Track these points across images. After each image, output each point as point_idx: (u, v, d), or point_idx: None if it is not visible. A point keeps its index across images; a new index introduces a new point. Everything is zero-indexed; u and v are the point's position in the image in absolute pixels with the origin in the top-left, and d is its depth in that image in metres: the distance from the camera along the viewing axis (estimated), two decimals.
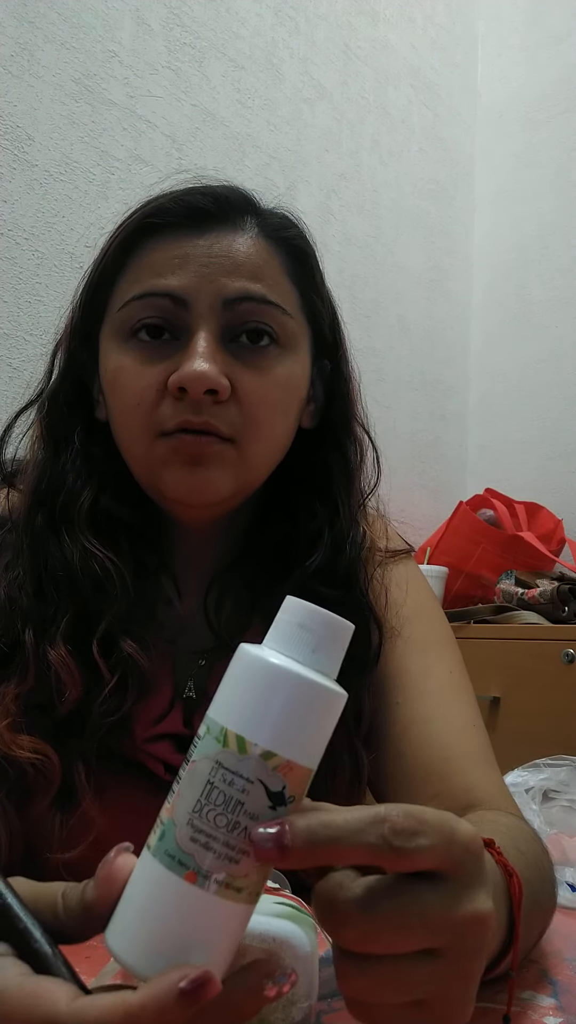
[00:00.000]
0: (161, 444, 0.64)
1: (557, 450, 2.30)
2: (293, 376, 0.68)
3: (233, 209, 0.68)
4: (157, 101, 1.70)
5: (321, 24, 2.11)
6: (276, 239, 0.69)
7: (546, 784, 0.75)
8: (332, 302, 0.76)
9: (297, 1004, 0.42)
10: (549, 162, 2.42)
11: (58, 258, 1.49)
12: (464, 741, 0.67)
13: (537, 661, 1.66)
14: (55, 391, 0.72)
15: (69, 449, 0.70)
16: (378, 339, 2.24)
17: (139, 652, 0.64)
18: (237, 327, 0.65)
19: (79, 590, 0.65)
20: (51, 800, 0.63)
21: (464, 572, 1.98)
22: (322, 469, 0.73)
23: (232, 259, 0.65)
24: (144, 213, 0.68)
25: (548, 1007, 0.49)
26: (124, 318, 0.66)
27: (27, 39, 1.48)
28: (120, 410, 0.67)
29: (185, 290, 0.64)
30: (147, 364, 0.64)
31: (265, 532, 0.72)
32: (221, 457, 0.64)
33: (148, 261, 0.66)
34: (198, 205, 0.67)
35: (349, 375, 0.77)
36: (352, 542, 0.71)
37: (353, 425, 0.76)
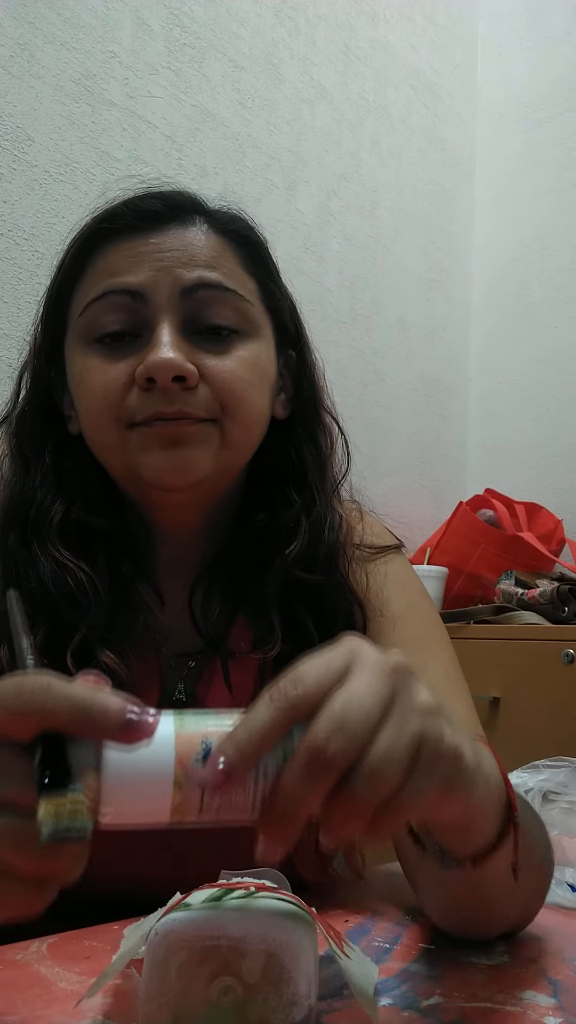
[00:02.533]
0: (135, 432, 0.65)
1: (557, 450, 2.30)
2: (259, 358, 0.68)
3: (183, 209, 0.69)
4: (157, 101, 1.70)
5: (321, 24, 2.11)
6: (227, 232, 0.70)
7: (545, 785, 0.75)
8: (289, 294, 0.77)
9: (297, 1004, 0.42)
10: (549, 162, 2.42)
11: (58, 258, 1.49)
12: None
13: (537, 661, 1.66)
14: (24, 410, 0.73)
15: (40, 465, 0.70)
16: (378, 339, 2.24)
17: (117, 662, 0.64)
18: (197, 320, 0.66)
19: (52, 604, 0.65)
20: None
21: (464, 572, 1.98)
22: (296, 459, 0.74)
23: (186, 251, 0.66)
24: (96, 220, 0.69)
25: (548, 1007, 0.49)
26: (85, 323, 0.66)
27: (27, 39, 1.48)
28: (87, 407, 0.67)
29: (142, 285, 0.65)
30: (111, 361, 0.65)
31: (244, 527, 0.72)
32: (202, 436, 0.65)
33: (103, 264, 0.67)
34: (148, 207, 0.68)
35: (313, 364, 0.77)
36: (330, 527, 0.72)
37: (321, 412, 0.77)
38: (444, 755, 0.39)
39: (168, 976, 0.42)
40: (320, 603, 0.69)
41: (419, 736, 0.38)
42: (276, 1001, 0.41)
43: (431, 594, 2.03)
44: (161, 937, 0.42)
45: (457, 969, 0.55)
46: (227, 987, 0.41)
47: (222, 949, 0.41)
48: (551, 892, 0.70)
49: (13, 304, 1.44)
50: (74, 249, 0.70)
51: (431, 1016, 0.47)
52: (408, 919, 0.64)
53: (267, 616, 0.68)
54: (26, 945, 0.57)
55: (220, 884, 0.47)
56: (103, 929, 0.61)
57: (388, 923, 0.63)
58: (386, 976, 0.53)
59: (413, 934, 0.61)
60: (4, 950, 0.57)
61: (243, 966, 0.41)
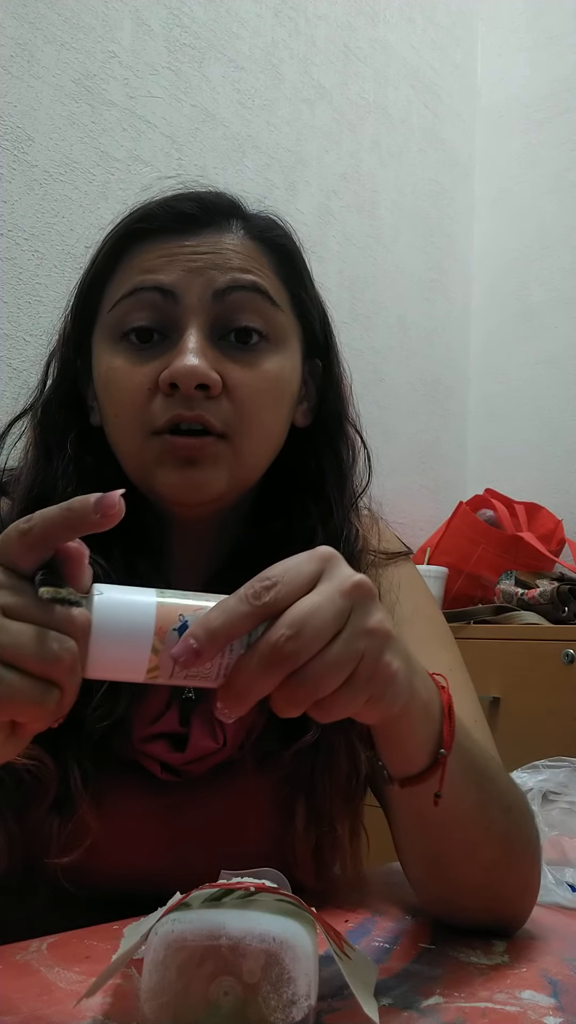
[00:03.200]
0: (154, 442, 0.65)
1: (557, 450, 2.30)
2: (283, 371, 0.68)
3: (219, 213, 0.69)
4: (157, 102, 1.70)
5: (321, 24, 2.11)
6: (263, 239, 0.70)
7: (545, 786, 0.75)
8: (322, 302, 0.76)
9: (297, 1004, 0.42)
10: (549, 162, 2.42)
11: (58, 258, 1.49)
12: None
13: (537, 661, 1.66)
14: (49, 399, 0.73)
15: (62, 455, 0.70)
16: (378, 339, 2.24)
17: None
18: (227, 323, 0.65)
19: None
20: (48, 806, 0.63)
21: (464, 572, 1.98)
22: (315, 469, 0.74)
23: (221, 255, 0.66)
24: (132, 219, 0.69)
25: (548, 1007, 0.49)
26: (115, 319, 0.66)
27: (27, 39, 1.48)
28: (113, 410, 0.67)
29: (174, 284, 0.64)
30: (138, 364, 0.65)
31: (259, 532, 0.72)
32: (215, 455, 0.65)
33: (137, 262, 0.67)
34: (185, 210, 0.67)
35: (340, 376, 0.77)
36: (346, 540, 0.71)
37: (345, 425, 0.77)
38: (379, 674, 0.45)
39: (168, 976, 0.42)
40: None
41: (361, 654, 0.44)
42: (276, 1001, 0.41)
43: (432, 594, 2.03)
44: (161, 937, 0.42)
45: (457, 969, 0.55)
46: (227, 987, 0.41)
47: (222, 949, 0.41)
48: (551, 892, 0.70)
49: (13, 304, 1.44)
50: (108, 245, 0.69)
51: (431, 1016, 0.47)
52: (408, 919, 0.64)
53: None
54: (26, 945, 0.57)
55: (220, 884, 0.47)
56: (103, 929, 0.61)
57: (388, 923, 0.63)
58: (386, 976, 0.53)
59: (413, 934, 0.61)
60: (4, 950, 0.57)
61: (243, 966, 0.41)
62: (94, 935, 0.60)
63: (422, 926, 0.63)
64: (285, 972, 0.41)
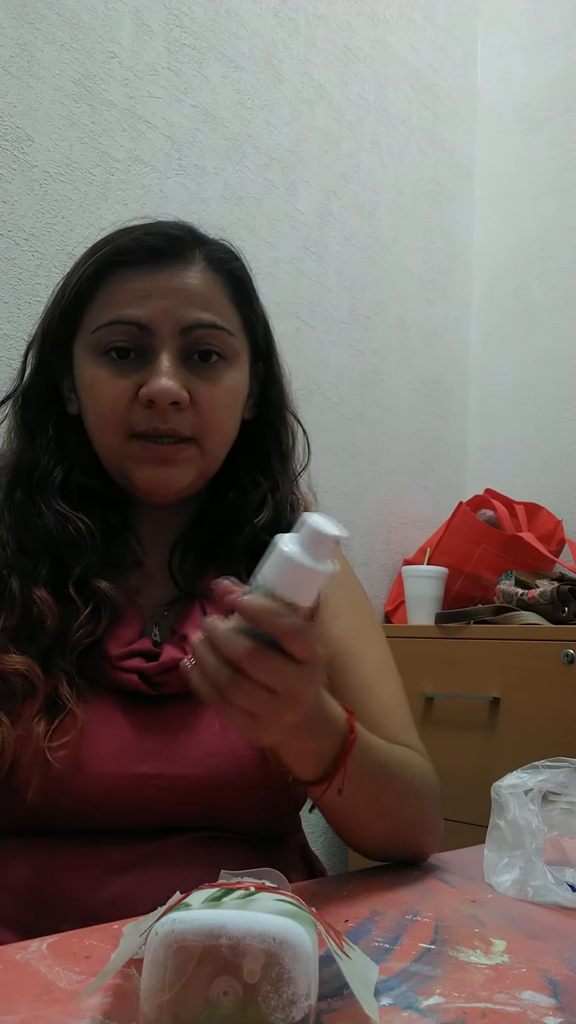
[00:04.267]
0: (133, 445, 0.79)
1: (557, 450, 2.30)
2: (237, 383, 0.84)
3: (184, 246, 0.82)
4: (157, 102, 1.70)
5: (321, 25, 2.11)
6: (221, 271, 0.84)
7: (544, 786, 0.75)
8: (264, 315, 0.90)
9: (297, 1004, 0.42)
10: (549, 162, 2.42)
11: (58, 259, 1.49)
12: (390, 717, 0.82)
13: (537, 661, 1.66)
14: (28, 387, 0.86)
15: (44, 436, 0.84)
16: (378, 340, 2.24)
17: (110, 588, 0.78)
18: (192, 348, 0.80)
19: (56, 545, 0.79)
20: (39, 707, 0.72)
21: (464, 572, 1.98)
22: (262, 451, 0.89)
23: (186, 292, 0.80)
24: (109, 253, 0.81)
25: (548, 1007, 0.49)
26: (97, 339, 0.80)
27: (27, 40, 1.48)
28: (96, 414, 0.81)
29: (149, 319, 0.79)
30: (119, 377, 0.79)
31: (218, 501, 0.87)
32: (186, 457, 0.80)
33: (116, 292, 0.80)
34: (155, 245, 0.81)
35: (280, 374, 0.92)
36: (291, 506, 0.88)
37: (286, 415, 0.92)
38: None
39: (168, 976, 0.42)
40: None
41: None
42: (276, 1001, 0.41)
43: (431, 594, 2.04)
44: (161, 937, 0.42)
45: (457, 969, 0.55)
46: (227, 987, 0.41)
47: (222, 949, 0.41)
48: (551, 892, 0.70)
49: (13, 304, 1.44)
50: (89, 272, 0.82)
51: (431, 1016, 0.47)
52: (408, 919, 0.65)
53: (236, 572, 0.80)
54: (26, 945, 0.57)
55: (220, 884, 0.47)
56: (103, 929, 0.61)
57: (388, 923, 0.63)
58: (386, 976, 0.53)
59: (413, 934, 0.61)
60: (4, 950, 0.57)
61: (243, 966, 0.41)
62: (94, 935, 0.60)
63: (422, 926, 0.63)
64: (285, 972, 0.41)
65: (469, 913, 0.67)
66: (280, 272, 1.95)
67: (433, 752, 0.85)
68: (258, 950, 0.41)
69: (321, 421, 2.04)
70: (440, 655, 1.84)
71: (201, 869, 0.72)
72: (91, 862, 0.72)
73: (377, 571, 2.19)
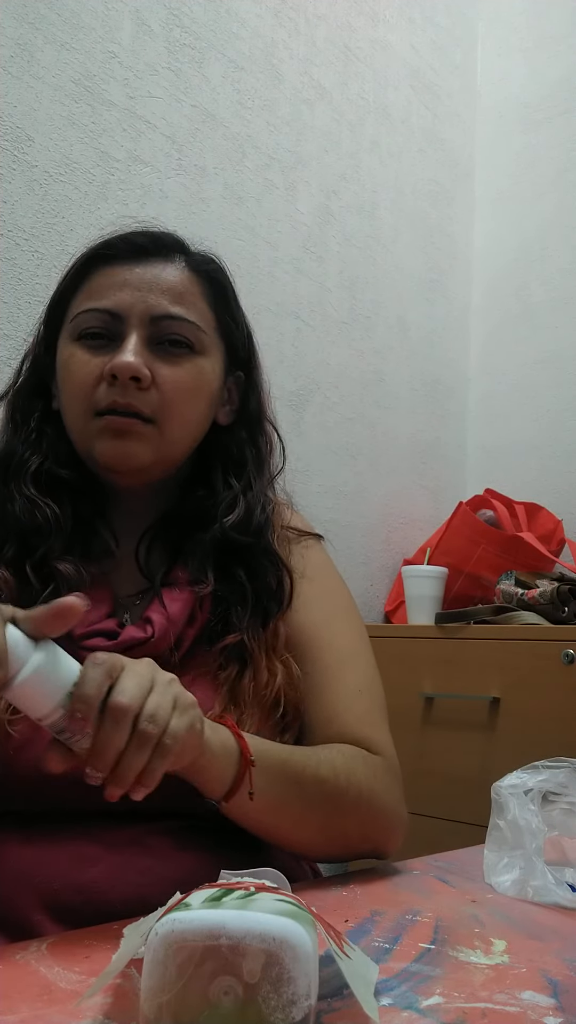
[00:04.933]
0: (96, 421, 0.82)
1: (557, 450, 2.30)
2: (203, 371, 0.85)
3: (166, 247, 0.86)
4: (157, 102, 1.70)
5: (321, 25, 2.11)
6: (199, 271, 0.87)
7: (545, 786, 0.75)
8: (246, 326, 0.93)
9: (297, 1004, 0.42)
10: (549, 162, 2.42)
11: (58, 259, 1.49)
12: (349, 709, 0.83)
13: (537, 661, 1.66)
14: (21, 386, 0.91)
15: (27, 428, 0.88)
16: (378, 340, 2.24)
17: (71, 570, 0.80)
18: (161, 336, 0.83)
19: (21, 530, 0.82)
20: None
21: (464, 572, 1.98)
22: (237, 455, 0.91)
23: (160, 284, 0.83)
24: (96, 247, 0.86)
25: (548, 1007, 0.49)
26: (75, 325, 0.84)
27: (27, 40, 1.48)
28: (68, 393, 0.84)
29: (120, 307, 0.82)
30: (90, 356, 0.82)
31: (189, 499, 0.89)
32: (142, 433, 0.82)
33: (96, 284, 0.84)
34: (138, 242, 0.85)
35: (260, 384, 0.95)
36: (263, 507, 0.89)
37: (264, 423, 0.94)
38: (191, 704, 0.62)
39: (168, 976, 0.42)
40: (250, 561, 0.86)
41: (175, 695, 0.60)
42: (276, 1001, 0.41)
43: (431, 594, 2.04)
44: (161, 937, 0.42)
45: (457, 969, 0.55)
46: (227, 987, 0.41)
47: (222, 949, 0.41)
48: (551, 892, 0.70)
49: (13, 304, 1.44)
50: (76, 267, 0.87)
51: (431, 1016, 0.47)
52: (408, 919, 0.65)
53: (202, 565, 0.84)
54: (26, 945, 0.57)
55: (220, 884, 0.47)
56: (103, 929, 0.61)
57: (388, 923, 0.63)
58: (386, 976, 0.53)
59: (413, 934, 0.61)
60: (4, 950, 0.57)
61: (243, 966, 0.41)
62: (94, 935, 0.60)
63: (422, 926, 0.63)
64: (285, 972, 0.41)
65: (469, 913, 0.67)
66: (280, 272, 1.95)
67: (433, 752, 0.85)
68: (258, 950, 0.41)
69: (321, 421, 2.04)
70: (440, 655, 1.84)
71: (174, 859, 0.73)
72: (59, 853, 0.72)
73: (377, 571, 2.19)
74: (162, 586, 0.83)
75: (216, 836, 0.75)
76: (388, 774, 0.81)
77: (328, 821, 0.76)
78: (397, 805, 0.81)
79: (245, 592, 0.84)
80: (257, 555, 0.86)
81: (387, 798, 0.79)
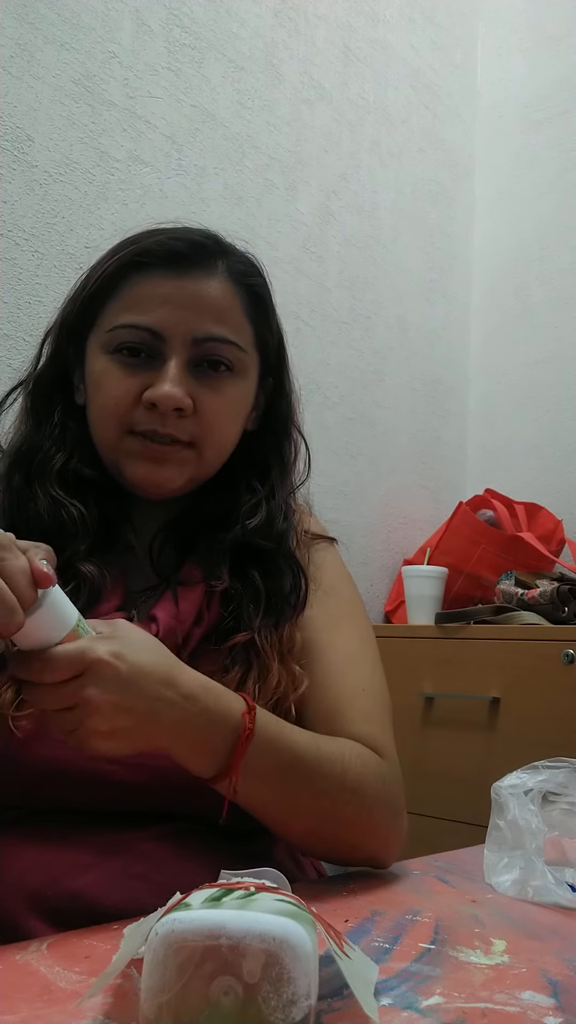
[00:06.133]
0: (131, 440, 0.81)
1: (557, 450, 2.30)
2: (243, 396, 0.85)
3: (207, 254, 0.83)
4: (157, 102, 1.70)
5: (321, 25, 2.11)
6: (241, 284, 0.85)
7: (545, 786, 0.75)
8: (279, 330, 0.91)
9: (297, 1004, 0.42)
10: (549, 162, 2.42)
11: (58, 259, 1.49)
12: (353, 706, 0.80)
13: (537, 661, 1.66)
14: (42, 374, 0.88)
15: (49, 423, 0.86)
16: (378, 340, 2.24)
17: (94, 572, 0.80)
18: (201, 358, 0.81)
19: (46, 531, 0.80)
20: (8, 677, 0.72)
21: (464, 572, 1.98)
22: (262, 460, 0.90)
23: (203, 303, 0.81)
24: (133, 252, 0.82)
25: (548, 1007, 0.49)
26: (111, 337, 0.81)
27: (27, 40, 1.48)
28: (100, 406, 0.82)
29: (163, 327, 0.80)
30: (127, 375, 0.80)
31: (210, 498, 0.87)
32: (181, 458, 0.81)
33: (135, 294, 0.81)
34: (178, 250, 0.81)
35: (290, 389, 0.93)
36: (285, 514, 0.88)
37: (291, 429, 0.94)
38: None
39: (168, 976, 0.42)
40: (268, 565, 0.85)
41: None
42: (276, 1001, 0.41)
43: (431, 594, 2.04)
44: (161, 937, 0.42)
45: (457, 969, 0.55)
46: (227, 987, 0.41)
47: (222, 949, 0.41)
48: (551, 892, 0.70)
49: (13, 304, 1.44)
50: (111, 269, 0.82)
51: (431, 1016, 0.47)
52: (408, 919, 0.65)
53: (218, 563, 0.83)
54: (26, 945, 0.57)
55: (220, 884, 0.47)
56: (103, 929, 0.61)
57: (388, 923, 0.63)
58: (386, 976, 0.53)
59: (413, 934, 0.61)
60: (4, 950, 0.57)
61: (243, 966, 0.41)
62: (94, 935, 0.60)
63: (422, 926, 0.63)
64: (285, 972, 0.41)
65: (469, 913, 0.67)
66: (280, 272, 1.95)
67: (433, 752, 0.85)
68: (258, 950, 0.41)
69: (321, 421, 2.04)
70: (440, 655, 1.84)
71: (168, 865, 0.72)
72: (52, 857, 0.72)
73: (377, 571, 2.19)
74: (173, 586, 0.82)
75: (213, 841, 0.75)
76: (395, 780, 0.78)
77: (328, 818, 0.73)
78: (397, 815, 0.78)
79: (259, 592, 0.83)
80: (276, 559, 0.85)
81: (388, 809, 0.77)
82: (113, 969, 0.46)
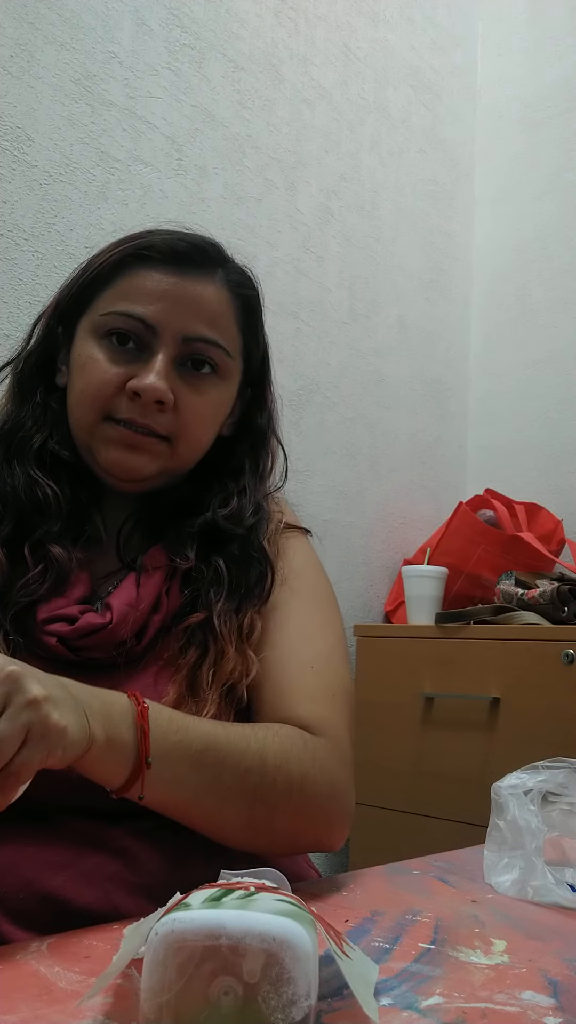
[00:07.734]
0: (108, 426, 0.82)
1: (557, 450, 2.30)
2: (222, 399, 0.87)
3: (208, 259, 0.85)
4: (157, 102, 1.70)
5: (321, 25, 2.11)
6: (236, 294, 0.87)
7: (545, 786, 0.75)
8: (266, 344, 0.94)
9: (297, 1004, 0.42)
10: (549, 162, 2.42)
11: (58, 259, 1.49)
12: (299, 683, 0.79)
13: (537, 661, 1.66)
14: (30, 354, 0.90)
15: (32, 402, 0.87)
16: (378, 340, 2.24)
17: (62, 555, 0.80)
18: (188, 356, 0.83)
19: (21, 508, 0.82)
20: None
21: (464, 572, 1.98)
22: (236, 464, 0.91)
23: (198, 304, 0.83)
24: (138, 245, 0.84)
25: (548, 1007, 0.49)
26: (103, 322, 0.82)
27: (27, 40, 1.48)
28: (81, 389, 0.83)
29: (156, 319, 0.81)
30: (112, 363, 0.81)
31: (182, 490, 0.88)
32: (155, 449, 0.83)
33: (134, 284, 0.82)
34: (181, 250, 0.83)
35: (271, 401, 0.95)
36: (256, 509, 0.88)
37: (270, 439, 0.95)
38: (51, 732, 0.56)
39: (168, 976, 0.42)
40: (236, 553, 0.85)
41: (28, 723, 0.54)
42: (276, 1001, 0.41)
43: (431, 594, 2.04)
44: (161, 937, 0.42)
45: (457, 969, 0.55)
46: (227, 987, 0.41)
47: (222, 949, 0.41)
48: (551, 892, 0.70)
49: (13, 304, 1.44)
50: (113, 259, 0.84)
51: (431, 1016, 0.47)
52: (408, 919, 0.65)
53: (184, 545, 0.84)
54: (26, 945, 0.57)
55: (220, 884, 0.47)
56: (103, 929, 0.61)
57: (388, 923, 0.63)
58: (386, 976, 0.53)
59: (413, 934, 0.61)
60: (4, 950, 0.57)
61: (243, 966, 0.41)
62: (94, 935, 0.60)
63: (422, 926, 0.63)
64: (285, 972, 0.41)
65: (469, 913, 0.67)
66: (280, 272, 1.95)
67: (433, 752, 0.84)
68: (258, 950, 0.41)
69: (321, 421, 2.04)
70: (440, 655, 1.84)
71: (142, 864, 0.71)
72: (25, 859, 0.70)
73: (377, 571, 2.19)
74: (137, 570, 0.82)
75: (187, 837, 0.72)
76: (331, 757, 0.74)
77: (251, 815, 0.70)
78: (337, 794, 0.74)
79: (221, 577, 0.83)
80: (244, 547, 0.86)
81: (324, 787, 0.73)
82: (113, 969, 0.46)
